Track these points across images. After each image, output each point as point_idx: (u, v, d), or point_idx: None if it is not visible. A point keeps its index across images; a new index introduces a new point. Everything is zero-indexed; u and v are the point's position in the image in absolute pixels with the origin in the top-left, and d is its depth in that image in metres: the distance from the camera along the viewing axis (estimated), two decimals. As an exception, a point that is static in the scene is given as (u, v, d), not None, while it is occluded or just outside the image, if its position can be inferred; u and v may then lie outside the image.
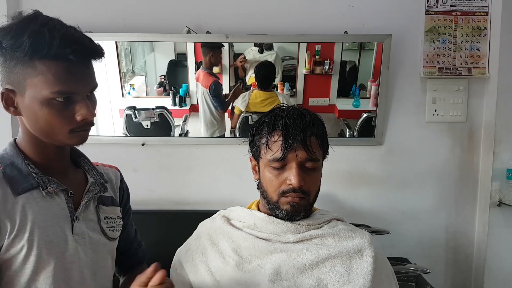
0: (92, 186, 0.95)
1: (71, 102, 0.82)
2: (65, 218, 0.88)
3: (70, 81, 0.81)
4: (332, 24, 1.74)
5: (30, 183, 0.85)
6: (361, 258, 0.97)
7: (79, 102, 0.83)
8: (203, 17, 1.74)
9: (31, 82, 0.79)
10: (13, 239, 0.81)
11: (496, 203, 1.78)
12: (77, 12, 1.72)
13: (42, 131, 0.84)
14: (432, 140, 1.84)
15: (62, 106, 0.81)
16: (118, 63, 1.78)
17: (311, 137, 0.96)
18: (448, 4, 1.76)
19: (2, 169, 0.85)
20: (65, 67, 0.80)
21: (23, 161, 0.86)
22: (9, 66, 0.80)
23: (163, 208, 1.84)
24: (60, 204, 0.88)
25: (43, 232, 0.83)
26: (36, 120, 0.82)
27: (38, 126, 0.83)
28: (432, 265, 1.84)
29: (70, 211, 0.89)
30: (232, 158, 1.83)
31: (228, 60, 1.82)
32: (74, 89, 0.82)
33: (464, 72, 1.78)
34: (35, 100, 0.80)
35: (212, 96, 1.83)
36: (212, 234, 1.04)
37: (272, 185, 0.97)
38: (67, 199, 0.89)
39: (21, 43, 0.76)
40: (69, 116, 0.83)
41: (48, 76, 0.78)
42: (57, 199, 0.88)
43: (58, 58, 0.79)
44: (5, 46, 0.78)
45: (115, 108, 1.82)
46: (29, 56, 0.78)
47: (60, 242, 0.86)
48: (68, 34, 0.80)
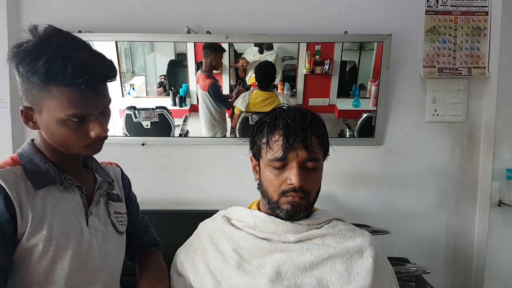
0: (101, 184, 1.02)
1: (85, 121, 0.88)
2: (80, 212, 0.94)
3: (84, 105, 0.86)
4: (332, 24, 1.75)
5: (49, 179, 0.91)
6: (362, 258, 0.97)
7: (93, 121, 0.89)
8: (203, 17, 1.74)
9: (47, 104, 0.85)
10: (34, 228, 0.86)
11: (496, 203, 1.78)
12: (77, 12, 1.72)
13: (59, 145, 0.91)
14: (432, 140, 1.84)
15: (77, 125, 0.87)
16: (118, 63, 1.78)
17: (312, 137, 0.96)
18: (448, 4, 1.76)
19: (23, 165, 0.91)
20: (79, 93, 0.84)
21: (41, 159, 0.92)
22: (27, 88, 0.86)
23: (163, 208, 1.84)
24: (75, 198, 0.95)
25: (61, 223, 0.89)
26: (53, 135, 0.89)
27: (56, 141, 0.90)
28: (432, 265, 1.84)
29: (84, 206, 0.96)
30: (233, 158, 1.83)
31: (228, 60, 1.82)
32: (87, 111, 0.87)
33: (464, 72, 1.78)
34: (51, 120, 0.86)
35: (213, 98, 1.83)
36: (212, 234, 1.04)
37: (272, 185, 0.97)
38: (81, 195, 0.96)
39: (37, 70, 0.81)
40: (84, 134, 0.89)
41: (63, 101, 0.84)
42: (73, 194, 0.95)
43: (71, 86, 0.83)
44: (22, 71, 0.83)
45: (115, 108, 1.82)
46: (45, 82, 0.82)
47: (76, 234, 0.92)
48: (80, 62, 0.83)
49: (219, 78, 1.85)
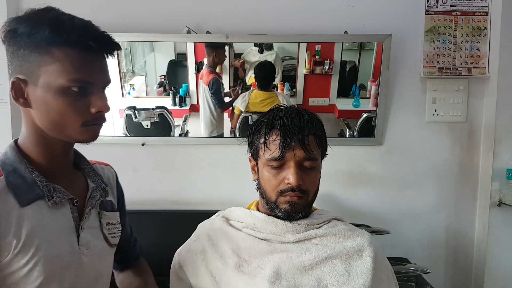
0: (93, 192, 0.91)
1: (86, 93, 0.80)
2: (70, 229, 0.84)
3: (88, 71, 0.79)
4: (332, 24, 1.75)
5: (35, 192, 0.79)
6: (361, 258, 0.97)
7: (95, 94, 0.81)
8: (203, 17, 1.74)
9: (46, 70, 0.76)
10: (16, 254, 0.76)
11: (496, 203, 1.78)
12: (77, 12, 1.71)
13: (53, 123, 0.79)
14: (432, 140, 1.84)
15: (77, 96, 0.78)
16: (118, 63, 1.78)
17: (309, 136, 0.96)
18: (448, 4, 1.76)
19: (5, 176, 0.79)
20: (83, 56, 0.78)
21: (27, 168, 0.81)
22: (23, 55, 0.77)
23: (163, 208, 1.84)
24: (65, 214, 0.84)
25: (49, 246, 0.79)
26: (47, 111, 0.78)
27: (49, 118, 0.79)
28: (432, 265, 1.84)
29: (75, 221, 0.85)
30: (232, 158, 1.83)
31: (228, 60, 1.82)
32: (90, 79, 0.79)
33: (464, 72, 1.78)
34: (49, 89, 0.77)
35: (211, 93, 1.83)
36: (211, 236, 1.04)
37: (270, 185, 0.97)
38: (72, 209, 0.85)
39: (39, 29, 0.74)
40: (84, 108, 0.80)
41: (65, 64, 0.76)
42: (63, 209, 0.83)
43: (76, 46, 0.77)
44: (21, 32, 0.76)
45: (115, 108, 1.83)
46: (47, 42, 0.75)
47: (65, 256, 0.82)
48: (87, 25, 0.79)
49: (221, 76, 1.85)
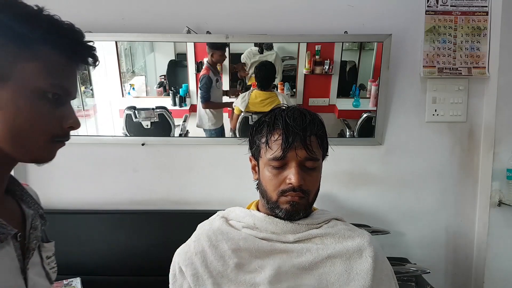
0: (34, 221, 0.74)
1: (59, 103, 0.69)
2: (16, 271, 0.68)
3: (69, 79, 0.70)
4: (332, 24, 1.74)
5: None
6: (361, 258, 0.97)
7: (69, 107, 0.71)
8: (203, 17, 1.74)
9: (23, 68, 0.64)
10: None
11: (496, 203, 1.78)
12: (77, 12, 1.72)
13: (17, 132, 0.65)
14: (432, 140, 1.84)
15: (51, 105, 0.67)
16: (118, 63, 1.78)
17: (311, 136, 0.96)
18: (448, 4, 1.76)
19: None
20: (65, 61, 0.69)
21: None
22: None
23: (163, 208, 1.84)
24: (9, 253, 0.67)
25: None
26: (14, 117, 0.64)
27: (14, 125, 0.65)
28: (432, 265, 1.84)
29: (19, 261, 0.68)
30: (232, 158, 1.83)
31: (228, 61, 1.82)
32: (69, 87, 0.70)
33: (464, 72, 1.78)
34: (22, 91, 0.65)
35: (199, 87, 1.83)
36: (211, 236, 1.04)
37: (271, 184, 0.97)
38: (16, 245, 0.68)
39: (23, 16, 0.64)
40: (56, 121, 0.69)
41: (48, 65, 0.66)
42: (6, 248, 0.66)
43: (64, 51, 0.68)
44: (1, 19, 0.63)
45: (115, 108, 1.82)
46: (34, 36, 0.65)
47: None
48: (78, 31, 0.72)
49: (220, 76, 1.85)
